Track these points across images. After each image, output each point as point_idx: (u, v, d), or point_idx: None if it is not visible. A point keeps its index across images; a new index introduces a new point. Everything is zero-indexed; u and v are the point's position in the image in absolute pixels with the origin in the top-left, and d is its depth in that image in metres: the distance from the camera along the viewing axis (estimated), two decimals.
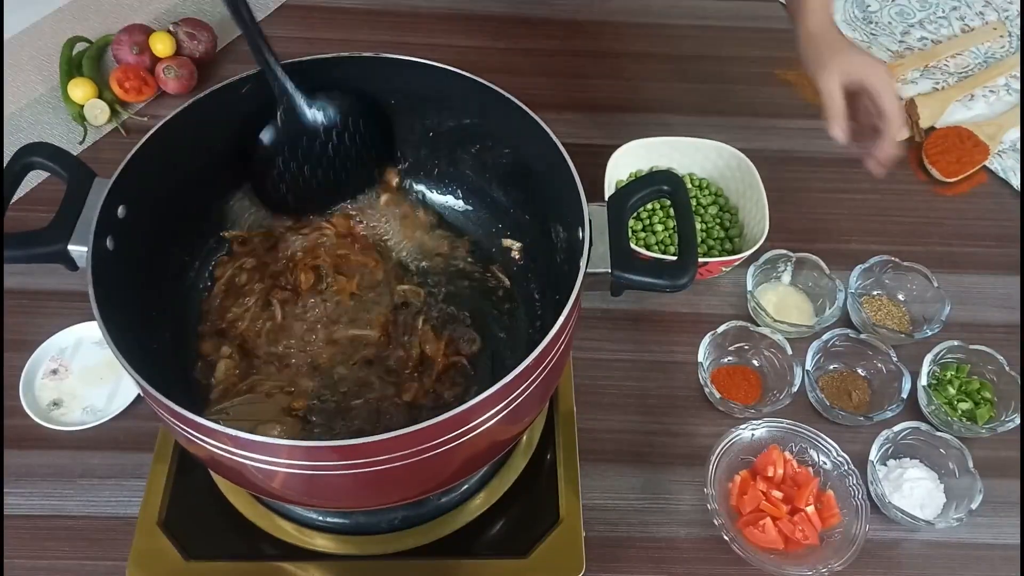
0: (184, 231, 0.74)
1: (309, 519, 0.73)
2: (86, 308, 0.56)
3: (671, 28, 1.23)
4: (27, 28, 1.14)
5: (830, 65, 0.87)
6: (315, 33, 1.18)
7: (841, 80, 0.86)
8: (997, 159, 1.08)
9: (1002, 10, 1.27)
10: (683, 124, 1.07)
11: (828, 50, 0.88)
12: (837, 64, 0.86)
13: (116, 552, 0.73)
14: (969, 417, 0.84)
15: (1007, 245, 1.00)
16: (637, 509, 0.79)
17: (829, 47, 0.89)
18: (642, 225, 0.96)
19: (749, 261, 0.91)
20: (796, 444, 0.81)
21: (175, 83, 1.06)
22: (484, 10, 1.23)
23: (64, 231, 0.61)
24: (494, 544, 0.73)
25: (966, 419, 0.84)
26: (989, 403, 0.85)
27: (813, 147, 1.09)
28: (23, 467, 0.79)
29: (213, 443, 0.55)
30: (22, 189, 0.93)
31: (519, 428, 0.67)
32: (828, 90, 0.87)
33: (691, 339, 0.88)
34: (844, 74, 0.86)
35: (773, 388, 0.86)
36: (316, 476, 0.56)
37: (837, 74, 0.86)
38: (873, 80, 0.85)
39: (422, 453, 0.55)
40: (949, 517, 0.77)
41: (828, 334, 0.87)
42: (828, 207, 1.03)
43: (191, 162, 0.70)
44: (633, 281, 0.61)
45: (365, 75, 0.73)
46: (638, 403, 0.86)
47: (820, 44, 0.89)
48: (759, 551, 0.75)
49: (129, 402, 0.82)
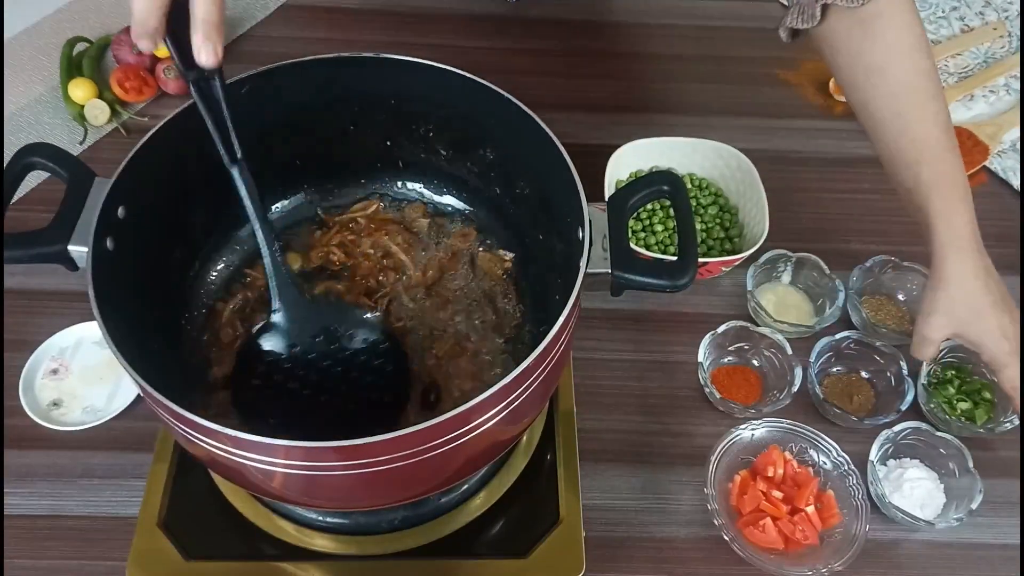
0: (184, 231, 0.74)
1: (309, 519, 0.73)
2: (86, 308, 0.56)
3: (671, 28, 1.23)
4: (27, 28, 1.14)
5: (950, 322, 0.77)
6: (315, 33, 1.18)
7: (951, 336, 0.78)
8: (997, 159, 1.08)
9: (1002, 10, 1.27)
10: (683, 124, 1.07)
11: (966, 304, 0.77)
12: (961, 324, 0.77)
13: (116, 552, 0.73)
14: (968, 417, 0.84)
15: (1007, 245, 1.00)
16: (637, 509, 0.79)
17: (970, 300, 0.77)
18: (642, 225, 0.96)
19: (749, 261, 0.91)
20: (796, 444, 0.80)
21: (175, 83, 1.06)
22: (484, 10, 1.23)
23: (64, 231, 0.61)
24: (494, 544, 0.73)
25: (964, 419, 0.84)
26: (988, 404, 0.85)
27: (813, 147, 1.09)
28: (23, 467, 0.79)
29: (213, 443, 0.55)
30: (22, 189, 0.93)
31: (519, 428, 0.67)
32: (927, 339, 0.79)
33: (691, 339, 0.88)
34: (961, 337, 0.78)
35: (773, 388, 0.86)
36: (316, 476, 0.56)
37: (949, 331, 0.78)
38: (992, 355, 0.77)
39: (422, 453, 0.55)
40: (949, 517, 0.77)
41: (838, 335, 0.87)
42: (828, 207, 1.03)
43: (191, 162, 0.70)
44: (633, 281, 0.61)
45: (365, 75, 0.73)
46: (638, 403, 0.86)
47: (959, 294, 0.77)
48: (759, 551, 0.75)
49: (129, 402, 0.82)
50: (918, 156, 0.77)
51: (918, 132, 0.77)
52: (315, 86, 0.72)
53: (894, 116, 0.77)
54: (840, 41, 0.78)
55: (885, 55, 0.76)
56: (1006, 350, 0.76)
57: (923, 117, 0.76)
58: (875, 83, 0.77)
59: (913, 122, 0.77)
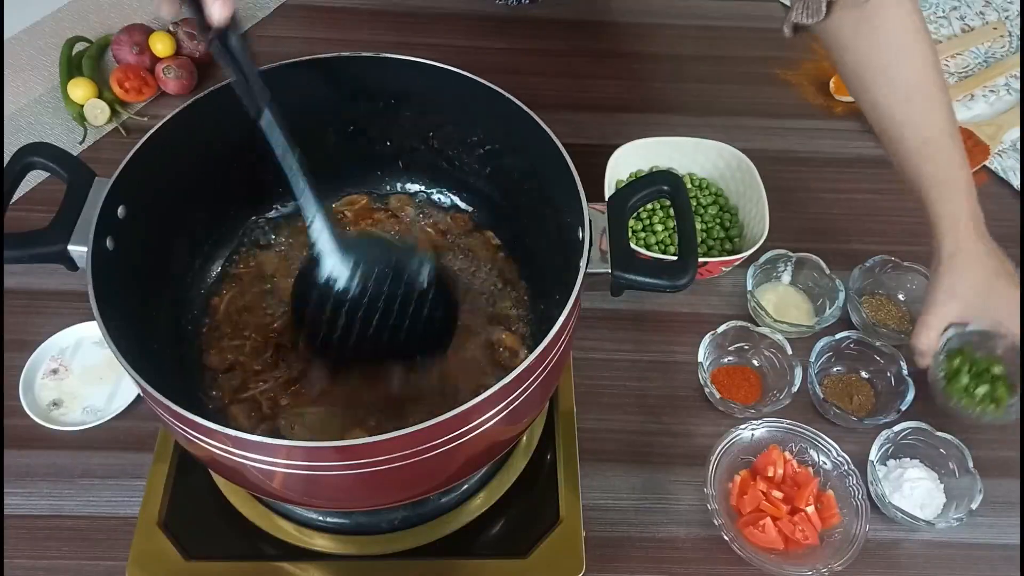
0: (184, 231, 0.74)
1: (309, 519, 0.73)
2: (86, 308, 0.56)
3: (671, 28, 1.23)
4: (27, 28, 1.14)
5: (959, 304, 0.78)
6: (315, 33, 1.18)
7: (960, 319, 0.78)
8: (997, 159, 1.08)
9: (1002, 10, 1.27)
10: (683, 124, 1.07)
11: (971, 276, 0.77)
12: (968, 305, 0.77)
13: (116, 552, 0.73)
14: (991, 400, 0.80)
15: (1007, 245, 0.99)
16: (637, 509, 0.79)
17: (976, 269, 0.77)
18: (642, 225, 0.96)
19: (749, 261, 0.91)
20: (796, 444, 0.81)
21: (175, 83, 1.06)
22: (484, 10, 1.23)
23: (64, 231, 0.61)
24: (494, 544, 0.73)
25: (991, 404, 0.80)
26: (1002, 381, 0.81)
27: (813, 147, 1.09)
28: (23, 467, 0.79)
29: (213, 443, 0.55)
30: (22, 189, 0.93)
31: (519, 428, 0.67)
32: (929, 325, 0.79)
33: (691, 339, 0.88)
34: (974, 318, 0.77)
35: (773, 388, 0.86)
36: (316, 476, 0.56)
37: (957, 314, 0.78)
38: (1012, 329, 0.77)
39: (422, 453, 0.55)
40: (949, 517, 0.77)
41: (838, 335, 0.87)
42: (828, 207, 1.03)
43: (191, 162, 0.70)
44: (633, 281, 0.61)
45: (365, 75, 0.73)
46: (638, 403, 0.86)
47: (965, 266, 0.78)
48: (759, 551, 0.75)
49: (129, 402, 0.82)
50: (922, 147, 0.78)
51: (924, 125, 0.78)
52: (315, 86, 0.72)
53: (903, 113, 0.79)
54: (848, 38, 0.79)
55: (894, 53, 0.78)
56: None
57: (931, 108, 0.78)
58: (884, 82, 0.79)
59: (921, 115, 0.78)
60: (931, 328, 0.80)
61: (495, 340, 0.74)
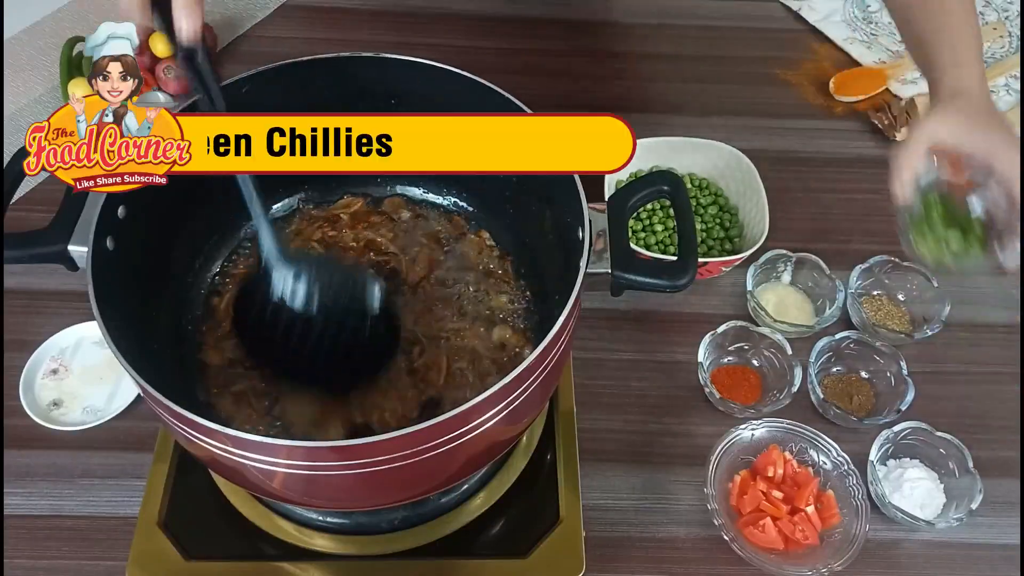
0: (184, 231, 0.74)
1: (309, 519, 0.73)
2: (86, 308, 0.56)
3: (671, 28, 1.23)
4: (27, 28, 1.14)
5: (945, 128, 0.70)
6: (315, 33, 1.19)
7: (949, 148, 0.71)
8: None
9: (1002, 10, 1.27)
10: (683, 124, 1.07)
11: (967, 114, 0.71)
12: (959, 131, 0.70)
13: (116, 552, 0.73)
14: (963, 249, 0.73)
15: None
16: (637, 509, 0.79)
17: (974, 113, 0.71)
18: (642, 225, 0.96)
19: (749, 261, 0.91)
20: (796, 444, 0.81)
21: (175, 83, 1.06)
22: (484, 10, 1.23)
23: (64, 231, 0.61)
24: (494, 544, 0.73)
25: (963, 250, 0.73)
26: (975, 233, 0.72)
27: (813, 147, 1.09)
28: (23, 467, 0.79)
29: (213, 443, 0.55)
30: (22, 189, 0.93)
31: (519, 428, 0.67)
32: (910, 150, 0.71)
33: (691, 339, 0.88)
34: (964, 145, 0.70)
35: (773, 388, 0.86)
36: (316, 476, 0.56)
37: (940, 137, 0.70)
38: (1006, 168, 0.68)
39: (422, 453, 0.55)
40: (949, 517, 0.77)
41: (837, 335, 0.87)
42: (828, 207, 1.03)
43: None
44: (633, 281, 0.61)
45: (365, 75, 0.73)
46: (638, 403, 0.86)
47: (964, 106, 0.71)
48: (759, 551, 0.75)
49: (129, 402, 0.82)
50: (937, 25, 0.75)
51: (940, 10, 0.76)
52: (315, 86, 0.72)
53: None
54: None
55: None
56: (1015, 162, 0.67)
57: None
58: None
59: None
60: (917, 142, 0.71)
61: (495, 340, 0.74)
